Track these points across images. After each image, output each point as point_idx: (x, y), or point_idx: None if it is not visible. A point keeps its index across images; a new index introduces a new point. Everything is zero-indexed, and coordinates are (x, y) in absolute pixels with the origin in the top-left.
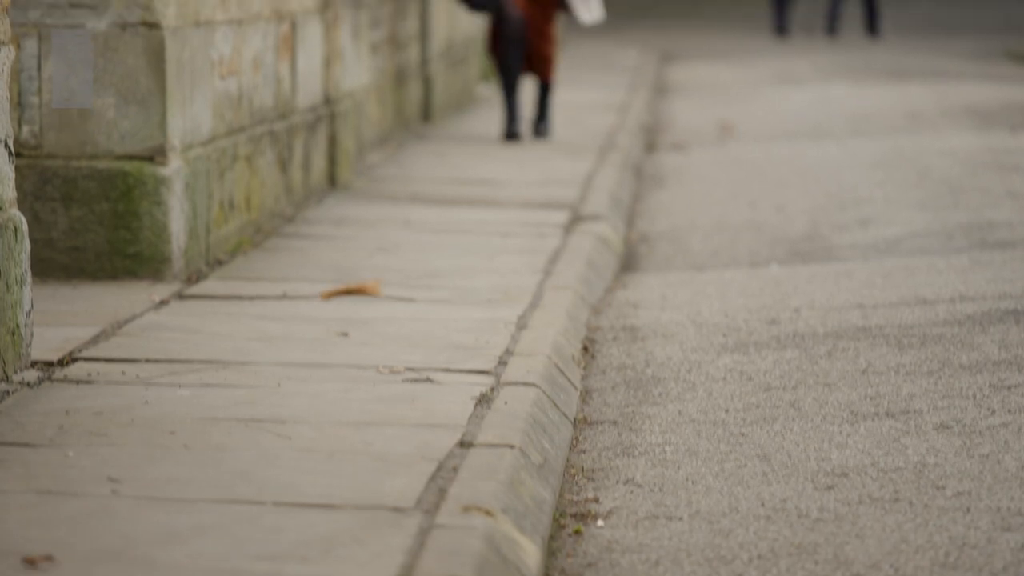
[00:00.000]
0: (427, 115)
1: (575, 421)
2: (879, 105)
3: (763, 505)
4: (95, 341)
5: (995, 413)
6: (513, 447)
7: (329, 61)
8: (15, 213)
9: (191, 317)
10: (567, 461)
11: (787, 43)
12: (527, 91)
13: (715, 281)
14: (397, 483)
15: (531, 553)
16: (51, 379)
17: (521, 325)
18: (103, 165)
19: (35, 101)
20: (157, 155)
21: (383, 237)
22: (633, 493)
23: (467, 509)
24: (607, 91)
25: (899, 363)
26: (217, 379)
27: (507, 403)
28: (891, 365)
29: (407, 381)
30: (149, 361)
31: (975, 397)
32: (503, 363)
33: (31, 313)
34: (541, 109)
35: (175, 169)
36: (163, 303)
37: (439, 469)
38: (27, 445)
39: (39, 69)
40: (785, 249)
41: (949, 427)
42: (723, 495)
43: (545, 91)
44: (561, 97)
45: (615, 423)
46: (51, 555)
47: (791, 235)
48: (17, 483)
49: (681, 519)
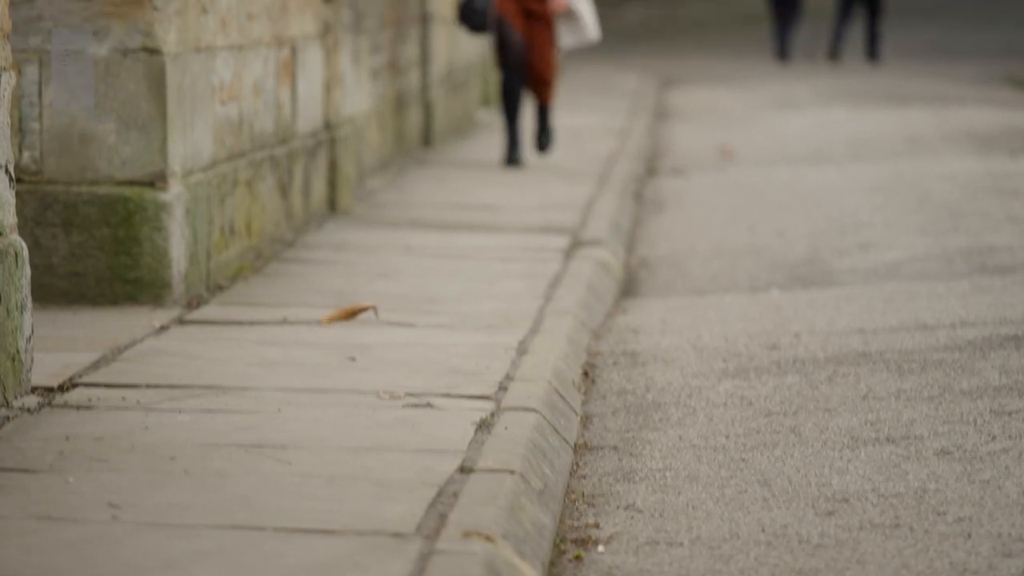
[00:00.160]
0: (428, 140)
1: (575, 446)
2: (879, 130)
3: (764, 531)
4: (95, 367)
5: (996, 439)
6: (513, 472)
7: (329, 86)
8: (15, 239)
9: (191, 342)
10: (567, 486)
11: (787, 68)
12: (527, 113)
13: (715, 306)
14: (397, 508)
15: None
16: (51, 405)
17: (521, 350)
18: (104, 191)
19: (36, 127)
20: (158, 180)
21: (383, 262)
22: (634, 518)
23: (467, 535)
24: (607, 115)
25: (900, 388)
26: (217, 404)
27: (507, 428)
28: (892, 390)
29: (407, 406)
30: (149, 387)
31: (976, 423)
32: (503, 388)
33: (31, 339)
34: (542, 123)
35: (176, 194)
36: (163, 328)
37: (439, 494)
38: (27, 471)
39: (40, 95)
40: (785, 273)
41: (950, 453)
42: (724, 520)
43: (544, 110)
44: (561, 121)
45: (615, 448)
46: None
47: (791, 259)
48: (17, 509)
49: (682, 545)
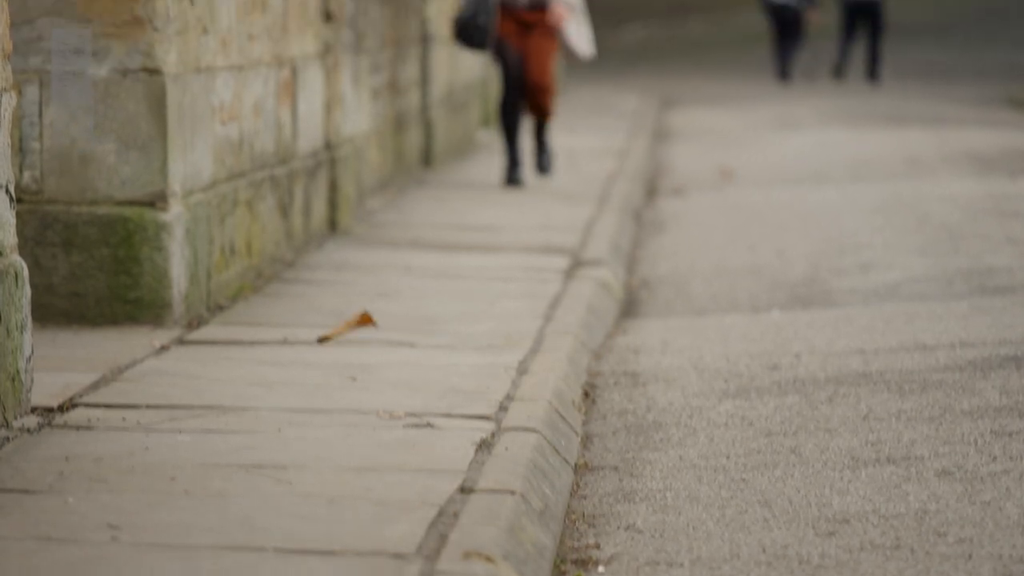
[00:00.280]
0: (428, 160)
1: (576, 466)
2: (879, 150)
3: (764, 551)
4: (95, 387)
5: (996, 460)
6: (514, 493)
7: (330, 106)
8: (16, 259)
9: (192, 363)
10: (568, 507)
11: (788, 88)
12: (526, 132)
13: (716, 326)
14: (398, 529)
15: None
16: (51, 425)
17: (522, 370)
18: (104, 211)
19: (36, 147)
20: (158, 200)
21: (383, 282)
22: (634, 539)
23: (468, 555)
24: (607, 136)
25: (900, 409)
26: (218, 425)
27: (508, 448)
28: (892, 411)
29: (408, 426)
30: (150, 407)
31: (976, 443)
32: (504, 408)
33: (31, 359)
34: (539, 142)
35: (176, 215)
36: (164, 348)
37: (440, 515)
38: (27, 491)
39: (40, 115)
40: (785, 294)
41: (950, 473)
42: (724, 541)
43: (542, 126)
44: (561, 142)
45: (616, 469)
46: None
47: (791, 280)
48: (16, 530)
49: (682, 565)
